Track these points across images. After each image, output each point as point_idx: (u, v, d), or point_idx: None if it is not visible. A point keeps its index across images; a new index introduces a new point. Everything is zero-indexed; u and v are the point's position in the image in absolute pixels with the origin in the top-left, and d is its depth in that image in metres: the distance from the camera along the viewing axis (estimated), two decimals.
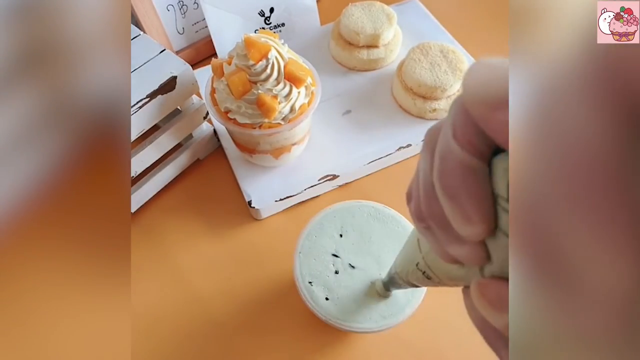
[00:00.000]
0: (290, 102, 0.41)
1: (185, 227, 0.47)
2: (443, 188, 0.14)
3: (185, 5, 0.57)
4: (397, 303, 0.35)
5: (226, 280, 0.44)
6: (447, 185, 0.14)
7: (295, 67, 0.41)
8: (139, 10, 0.53)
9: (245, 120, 0.41)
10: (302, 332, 0.41)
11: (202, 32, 0.59)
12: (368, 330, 0.34)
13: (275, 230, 0.47)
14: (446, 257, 0.16)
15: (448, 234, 0.15)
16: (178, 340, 0.41)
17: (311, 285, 0.36)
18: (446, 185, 0.14)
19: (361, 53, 0.54)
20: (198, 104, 0.47)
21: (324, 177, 0.48)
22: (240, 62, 0.40)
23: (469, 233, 0.14)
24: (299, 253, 0.37)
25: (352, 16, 0.55)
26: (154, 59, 0.43)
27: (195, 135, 0.50)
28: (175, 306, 0.43)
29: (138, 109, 0.40)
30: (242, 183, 0.48)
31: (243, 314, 0.42)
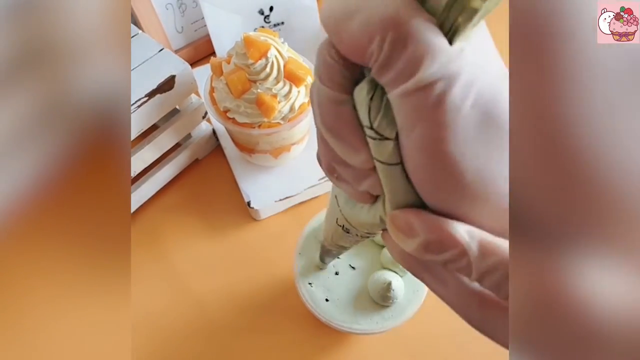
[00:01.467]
0: (290, 102, 0.41)
1: (184, 227, 0.47)
2: (326, 129, 0.15)
3: (184, 4, 0.56)
4: (398, 305, 0.35)
5: (225, 281, 0.44)
6: (328, 125, 0.15)
7: (294, 66, 0.40)
8: (137, 9, 0.52)
9: (244, 120, 0.41)
10: (302, 333, 0.40)
11: (201, 30, 0.59)
12: (368, 331, 0.34)
13: (274, 230, 0.47)
14: (359, 196, 0.17)
15: (350, 173, 0.16)
16: (177, 340, 0.41)
17: (311, 286, 0.36)
18: (327, 126, 0.15)
19: None
20: (197, 103, 0.47)
21: (324, 177, 0.47)
22: (239, 61, 0.39)
23: (361, 160, 0.15)
24: (298, 253, 0.37)
25: None
26: (153, 58, 0.43)
27: (194, 135, 0.49)
28: (174, 306, 0.43)
29: (137, 109, 0.40)
30: (241, 183, 0.48)
31: (242, 315, 0.42)
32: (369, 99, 0.14)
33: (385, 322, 0.34)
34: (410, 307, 0.35)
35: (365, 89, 0.14)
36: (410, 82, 0.12)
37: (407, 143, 0.13)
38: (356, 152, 0.15)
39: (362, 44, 0.12)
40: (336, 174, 0.17)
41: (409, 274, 0.36)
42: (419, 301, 0.35)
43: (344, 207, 0.21)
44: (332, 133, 0.15)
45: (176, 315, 0.42)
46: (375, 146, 0.14)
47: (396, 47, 0.12)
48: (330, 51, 0.14)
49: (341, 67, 0.14)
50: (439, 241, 0.14)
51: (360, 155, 0.15)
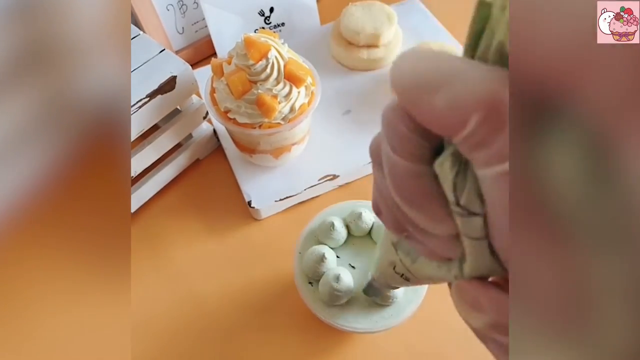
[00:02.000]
0: (290, 102, 0.41)
1: (185, 227, 0.47)
2: (401, 199, 0.14)
3: (185, 4, 0.56)
4: (398, 304, 0.35)
5: (226, 281, 0.44)
6: (404, 196, 0.14)
7: (295, 66, 0.41)
8: (138, 9, 0.52)
9: (245, 120, 0.41)
10: (302, 333, 0.41)
11: (202, 31, 0.59)
12: (369, 330, 0.34)
13: (275, 230, 0.47)
14: (433, 255, 0.16)
15: (427, 235, 0.15)
16: (177, 340, 0.41)
17: (311, 286, 0.36)
18: (403, 197, 0.14)
19: (361, 53, 0.54)
20: (198, 104, 0.47)
21: (324, 177, 0.48)
22: (240, 61, 0.40)
23: (444, 230, 0.14)
24: (298, 253, 0.37)
25: (352, 16, 0.55)
26: (154, 59, 0.43)
27: (195, 135, 0.50)
28: (175, 306, 0.43)
29: (137, 109, 0.40)
30: (241, 183, 0.48)
31: (243, 315, 0.42)
32: (453, 174, 0.13)
33: (385, 322, 0.34)
34: (410, 306, 0.35)
35: (449, 163, 0.13)
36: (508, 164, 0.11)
37: (501, 221, 0.12)
38: (439, 223, 0.14)
39: (452, 122, 0.11)
40: (407, 233, 0.16)
41: None
42: (418, 300, 0.35)
43: (404, 258, 0.20)
44: (412, 206, 0.14)
45: (176, 315, 0.42)
46: (462, 222, 0.13)
47: (494, 128, 0.11)
48: (406, 121, 0.13)
49: (419, 137, 0.13)
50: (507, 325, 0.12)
51: (444, 226, 0.14)
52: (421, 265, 0.18)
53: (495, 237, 0.13)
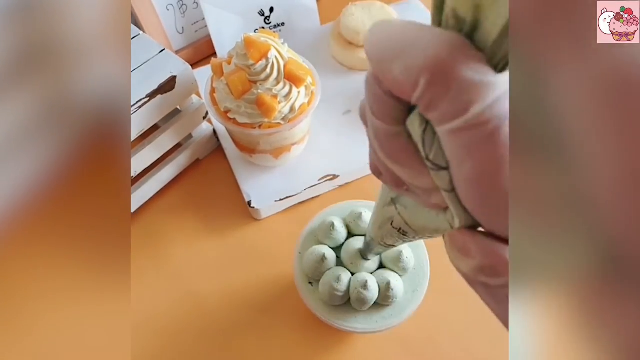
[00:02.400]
0: (290, 102, 0.41)
1: (185, 227, 0.47)
2: (385, 157, 0.16)
3: (185, 4, 0.57)
4: (398, 304, 0.35)
5: (226, 281, 0.44)
6: (388, 154, 0.15)
7: (295, 66, 0.41)
8: (138, 9, 0.52)
9: (245, 120, 0.41)
10: (302, 332, 0.41)
11: (202, 31, 0.59)
12: (369, 330, 0.34)
13: (275, 230, 0.47)
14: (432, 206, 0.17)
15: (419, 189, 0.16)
16: (177, 340, 0.41)
17: (311, 286, 0.36)
18: (387, 155, 0.15)
19: (361, 53, 0.54)
20: (198, 104, 0.47)
21: (324, 177, 0.48)
22: (240, 61, 0.40)
23: (427, 182, 0.15)
24: (298, 253, 0.37)
25: (352, 16, 0.55)
26: (154, 59, 0.43)
27: (195, 135, 0.50)
28: (175, 306, 0.43)
29: (137, 109, 0.40)
30: (241, 183, 0.48)
31: (243, 315, 0.42)
32: (421, 131, 0.14)
33: (385, 321, 0.34)
34: (410, 306, 0.35)
35: (417, 122, 0.14)
36: (457, 122, 0.12)
37: (457, 175, 0.13)
38: (421, 176, 0.15)
39: (405, 86, 0.13)
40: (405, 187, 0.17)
41: (409, 273, 0.36)
42: (418, 300, 0.35)
43: (403, 211, 0.21)
44: (393, 161, 0.15)
45: (176, 315, 0.42)
46: (435, 176, 0.14)
47: (439, 90, 0.12)
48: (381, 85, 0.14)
49: (391, 100, 0.14)
50: (493, 266, 0.14)
51: (425, 178, 0.15)
52: (420, 216, 0.19)
53: (458, 190, 0.14)
